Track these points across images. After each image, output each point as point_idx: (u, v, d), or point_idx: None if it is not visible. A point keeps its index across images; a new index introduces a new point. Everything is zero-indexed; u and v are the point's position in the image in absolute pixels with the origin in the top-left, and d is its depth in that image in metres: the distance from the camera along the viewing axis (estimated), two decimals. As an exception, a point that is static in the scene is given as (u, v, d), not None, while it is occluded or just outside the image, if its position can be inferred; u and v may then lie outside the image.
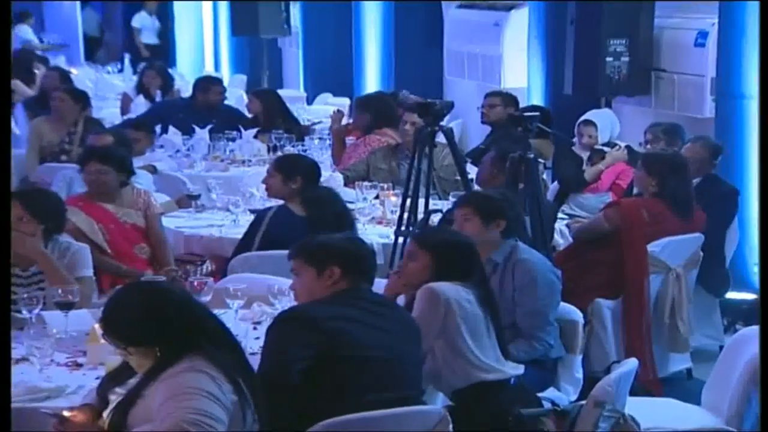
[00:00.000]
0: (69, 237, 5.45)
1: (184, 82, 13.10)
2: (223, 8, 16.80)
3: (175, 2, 18.08)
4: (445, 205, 6.63)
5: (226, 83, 11.72)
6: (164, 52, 18.25)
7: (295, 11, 14.78)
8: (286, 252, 4.40)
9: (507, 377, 4.61)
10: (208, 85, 10.20)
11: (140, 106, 11.00)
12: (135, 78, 12.70)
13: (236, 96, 12.56)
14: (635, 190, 6.80)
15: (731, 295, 7.37)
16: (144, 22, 19.03)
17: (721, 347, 6.23)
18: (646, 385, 6.05)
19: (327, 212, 6.03)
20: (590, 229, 6.53)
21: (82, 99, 9.18)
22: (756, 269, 7.56)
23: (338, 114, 9.11)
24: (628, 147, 8.07)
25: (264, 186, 6.48)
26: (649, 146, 7.64)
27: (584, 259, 6.35)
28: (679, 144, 7.43)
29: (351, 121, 9.44)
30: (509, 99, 9.03)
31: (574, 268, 6.15)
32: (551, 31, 9.62)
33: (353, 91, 13.07)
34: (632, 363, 4.43)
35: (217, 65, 17.44)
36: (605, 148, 8.12)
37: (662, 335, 6.35)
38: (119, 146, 7.10)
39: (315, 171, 6.36)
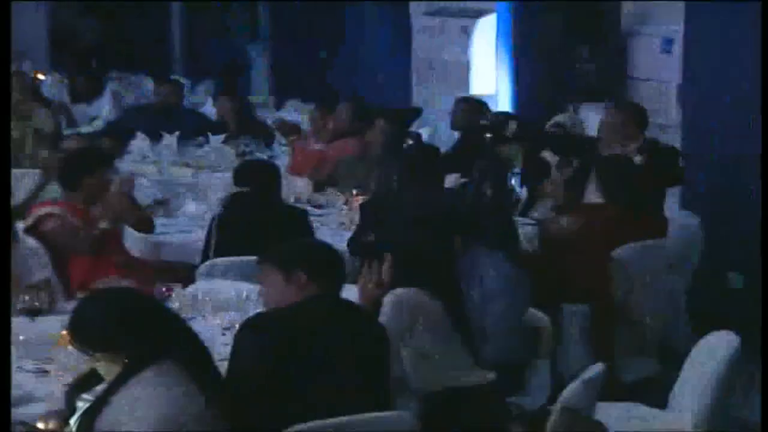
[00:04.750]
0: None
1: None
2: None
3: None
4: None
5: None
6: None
7: (263, 16, 14.77)
8: (254, 258, 4.40)
9: (476, 383, 4.62)
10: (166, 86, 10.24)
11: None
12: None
13: (204, 101, 12.53)
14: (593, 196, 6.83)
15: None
16: None
17: (688, 351, 6.25)
18: (614, 389, 6.07)
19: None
20: (555, 235, 6.55)
21: None
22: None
23: (288, 125, 9.14)
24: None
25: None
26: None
27: (551, 265, 6.38)
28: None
29: (314, 127, 9.44)
30: (478, 105, 9.05)
31: (542, 273, 6.17)
32: (519, 38, 9.66)
33: (321, 97, 13.06)
34: (600, 368, 4.45)
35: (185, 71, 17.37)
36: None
37: (630, 339, 6.38)
38: (90, 151, 7.07)
39: (270, 176, 6.43)
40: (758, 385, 5.33)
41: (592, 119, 9.19)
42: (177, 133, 9.27)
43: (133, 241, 6.78)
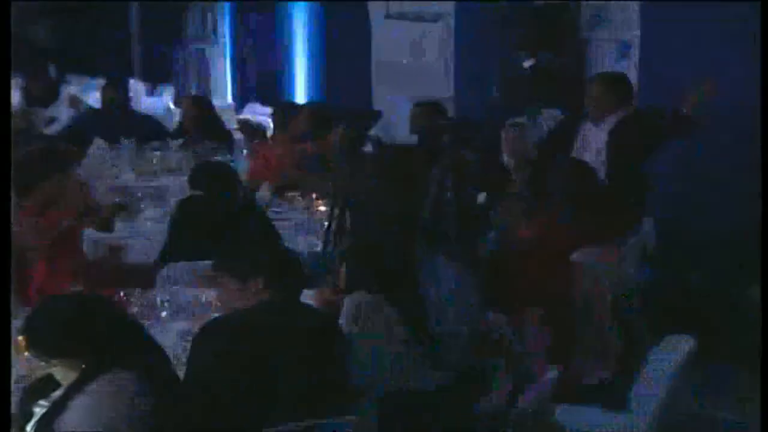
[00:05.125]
0: None
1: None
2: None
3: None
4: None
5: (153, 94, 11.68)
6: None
7: (222, 20, 14.75)
8: (212, 262, 4.39)
9: (435, 386, 4.63)
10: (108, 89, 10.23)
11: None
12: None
13: (163, 106, 12.49)
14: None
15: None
16: None
17: (646, 353, 6.29)
18: (572, 391, 6.09)
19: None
20: (514, 238, 6.58)
21: None
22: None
23: (251, 128, 9.12)
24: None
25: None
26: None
27: (511, 268, 6.40)
28: None
29: (275, 130, 9.44)
30: (436, 109, 9.07)
31: (502, 276, 6.19)
32: (478, 42, 9.70)
33: (281, 100, 13.05)
34: (558, 371, 4.47)
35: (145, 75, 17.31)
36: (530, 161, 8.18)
37: (589, 342, 6.41)
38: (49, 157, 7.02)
39: (226, 178, 6.43)
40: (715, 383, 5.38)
41: (550, 123, 9.24)
42: (135, 137, 9.24)
43: (90, 245, 6.75)
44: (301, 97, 12.80)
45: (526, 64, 7.93)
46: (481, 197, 8.26)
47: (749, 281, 6.97)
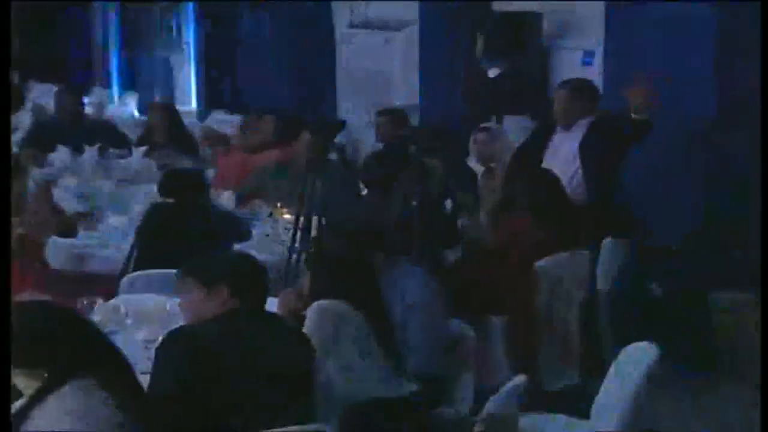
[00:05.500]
0: None
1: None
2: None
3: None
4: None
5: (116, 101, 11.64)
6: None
7: (187, 27, 14.72)
8: (176, 270, 4.38)
9: (399, 394, 4.63)
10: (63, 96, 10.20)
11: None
12: None
13: (128, 114, 12.45)
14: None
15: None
16: None
17: (611, 361, 6.31)
18: (537, 399, 6.10)
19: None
20: (479, 245, 6.60)
21: None
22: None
23: (216, 136, 9.10)
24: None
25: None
26: None
27: (476, 275, 6.41)
28: None
29: (239, 138, 9.42)
30: (401, 117, 9.09)
31: (466, 284, 6.20)
32: (443, 49, 9.72)
33: (246, 108, 13.02)
34: (523, 379, 4.48)
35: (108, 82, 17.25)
36: (499, 167, 8.20)
37: (553, 350, 6.42)
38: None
39: (196, 186, 6.41)
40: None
41: (514, 131, 9.27)
42: (98, 144, 9.20)
43: (54, 253, 6.71)
44: (265, 104, 12.76)
45: (492, 73, 7.95)
46: (448, 205, 8.28)
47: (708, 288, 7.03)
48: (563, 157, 6.94)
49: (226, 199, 7.75)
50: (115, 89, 16.17)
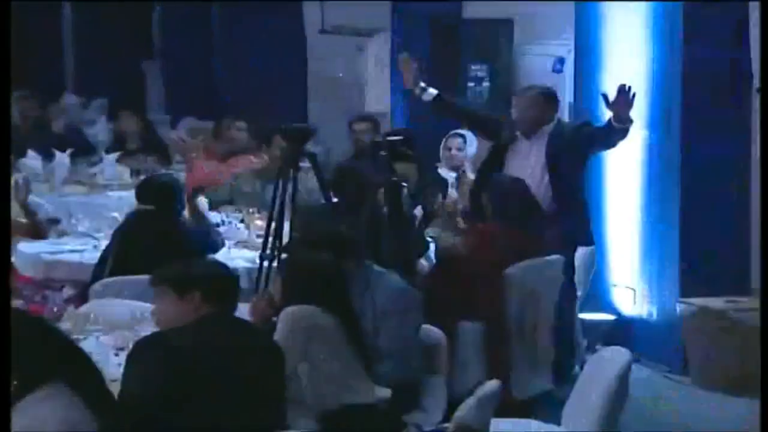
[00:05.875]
0: None
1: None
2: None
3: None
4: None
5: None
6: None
7: (158, 33, 14.68)
8: (147, 277, 4.36)
9: (372, 400, 4.63)
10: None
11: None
12: None
13: (98, 120, 12.39)
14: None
15: (591, 316, 7.53)
16: None
17: (582, 367, 6.33)
18: (508, 406, 6.12)
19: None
20: (450, 252, 6.60)
21: None
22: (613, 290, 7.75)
23: (187, 143, 9.08)
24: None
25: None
26: None
27: (447, 282, 6.41)
28: None
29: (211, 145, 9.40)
30: (372, 123, 9.09)
31: (438, 291, 6.20)
32: (414, 56, 9.71)
33: (217, 114, 13.00)
34: (494, 385, 4.48)
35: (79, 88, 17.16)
36: (470, 174, 8.21)
37: (524, 356, 6.43)
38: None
39: (174, 194, 6.40)
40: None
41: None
42: (69, 150, 9.16)
43: (23, 260, 6.68)
44: (236, 111, 12.73)
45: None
46: (418, 211, 8.29)
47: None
48: (529, 165, 6.92)
49: (198, 205, 7.72)
50: (84, 95, 16.11)
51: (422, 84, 7.16)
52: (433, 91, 7.14)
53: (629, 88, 6.52)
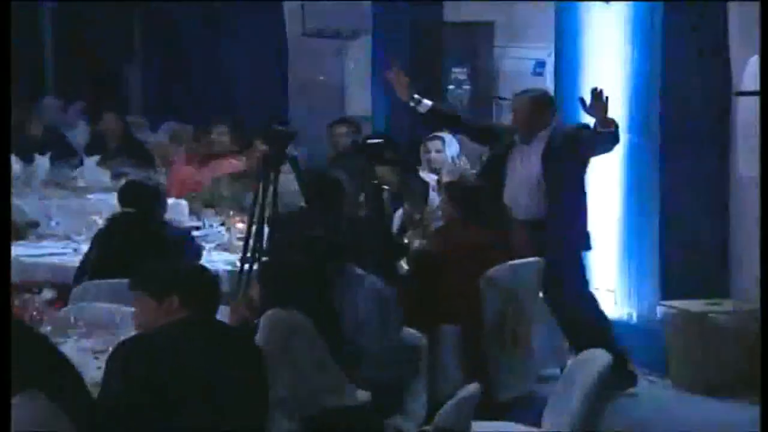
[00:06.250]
0: None
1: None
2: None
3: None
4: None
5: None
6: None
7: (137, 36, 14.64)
8: (128, 280, 4.35)
9: (353, 403, 4.62)
10: None
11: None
12: None
13: (78, 123, 12.36)
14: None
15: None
16: None
17: (562, 369, 6.35)
18: (489, 408, 6.12)
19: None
20: (424, 255, 6.60)
21: None
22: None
23: (169, 147, 9.06)
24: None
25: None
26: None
27: (426, 284, 6.41)
28: None
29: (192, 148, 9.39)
30: (353, 126, 9.09)
31: (417, 293, 6.20)
32: (394, 59, 9.72)
33: (198, 117, 12.98)
34: (474, 387, 4.48)
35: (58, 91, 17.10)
36: (446, 177, 8.22)
37: (505, 359, 6.44)
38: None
39: (156, 197, 6.39)
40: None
41: (465, 140, 9.30)
42: (49, 153, 9.15)
43: None
44: (218, 114, 12.71)
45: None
46: (399, 214, 8.29)
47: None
48: (528, 170, 6.90)
49: (178, 208, 7.72)
50: (64, 98, 16.06)
51: (416, 96, 7.12)
52: (427, 102, 7.10)
53: (601, 91, 6.51)
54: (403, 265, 7.05)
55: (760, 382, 4.45)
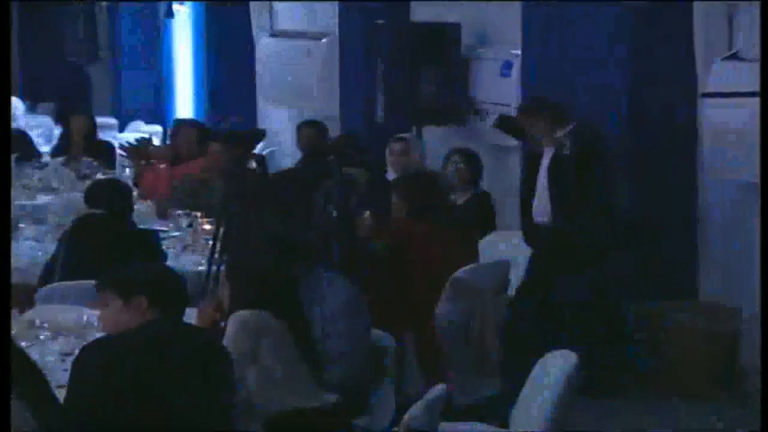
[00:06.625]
0: None
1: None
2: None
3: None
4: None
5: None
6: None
7: (104, 36, 14.58)
8: (94, 281, 4.33)
9: (320, 405, 4.61)
10: None
11: None
12: None
13: (44, 124, 12.29)
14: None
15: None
16: None
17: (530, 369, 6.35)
18: (456, 409, 6.12)
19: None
20: (371, 257, 6.59)
21: None
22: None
23: (139, 149, 9.02)
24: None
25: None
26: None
27: (393, 284, 6.41)
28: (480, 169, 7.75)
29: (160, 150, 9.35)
30: (320, 127, 9.09)
31: (385, 293, 6.19)
32: (364, 60, 9.72)
33: (165, 118, 12.96)
34: (442, 388, 4.49)
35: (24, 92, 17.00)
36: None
37: (471, 360, 6.44)
38: None
39: (124, 198, 6.36)
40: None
41: (433, 141, 9.31)
42: (15, 155, 9.07)
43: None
44: (185, 115, 12.70)
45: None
46: (366, 216, 8.28)
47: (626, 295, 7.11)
48: (541, 177, 6.93)
49: (145, 210, 7.68)
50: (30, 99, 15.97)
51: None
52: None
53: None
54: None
55: (730, 382, 4.48)
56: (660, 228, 7.32)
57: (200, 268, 6.51)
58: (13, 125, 10.63)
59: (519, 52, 8.17)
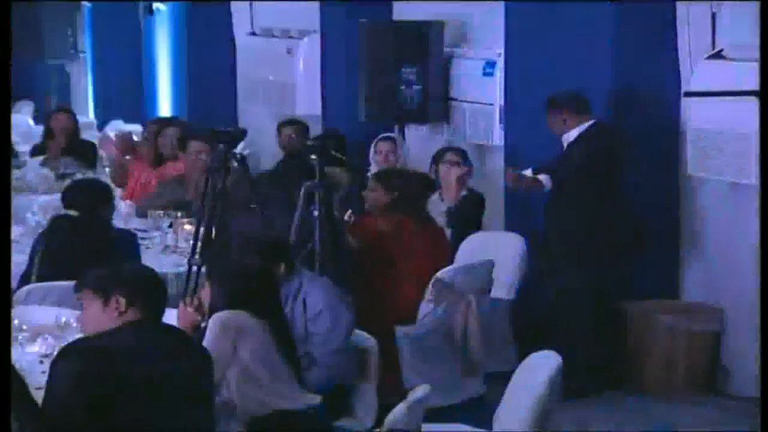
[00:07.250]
0: None
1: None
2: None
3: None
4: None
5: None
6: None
7: (83, 35, 14.53)
8: (73, 282, 4.29)
9: (302, 406, 4.59)
10: None
11: None
12: None
13: (23, 123, 12.23)
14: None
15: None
16: None
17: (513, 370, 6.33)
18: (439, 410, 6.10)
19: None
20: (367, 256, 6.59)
21: None
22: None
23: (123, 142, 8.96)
24: None
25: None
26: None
27: (375, 284, 6.39)
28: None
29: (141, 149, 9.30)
30: (302, 126, 9.06)
31: (368, 293, 6.17)
32: (345, 59, 9.70)
33: (145, 117, 12.90)
34: (425, 389, 4.46)
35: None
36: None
37: (455, 361, 6.42)
38: None
39: (102, 198, 6.32)
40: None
41: (414, 140, 9.30)
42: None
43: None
44: (165, 113, 12.65)
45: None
46: (348, 216, 8.26)
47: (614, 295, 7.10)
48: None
49: (124, 209, 7.63)
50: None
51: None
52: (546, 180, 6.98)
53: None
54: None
55: (712, 382, 4.46)
56: (644, 226, 7.30)
57: (181, 269, 6.47)
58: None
59: (502, 51, 8.15)
